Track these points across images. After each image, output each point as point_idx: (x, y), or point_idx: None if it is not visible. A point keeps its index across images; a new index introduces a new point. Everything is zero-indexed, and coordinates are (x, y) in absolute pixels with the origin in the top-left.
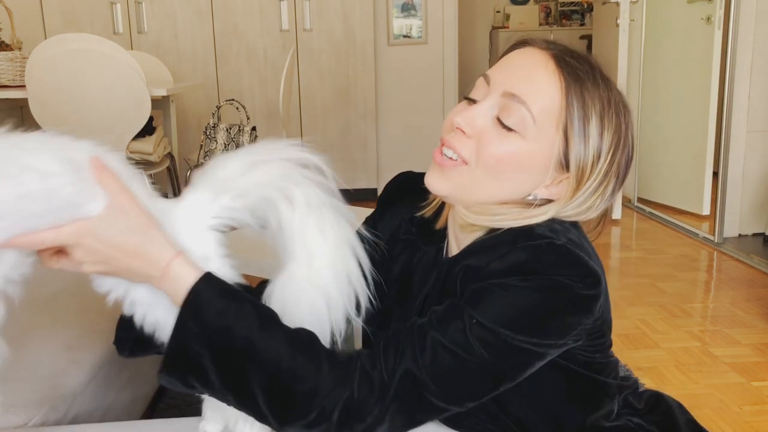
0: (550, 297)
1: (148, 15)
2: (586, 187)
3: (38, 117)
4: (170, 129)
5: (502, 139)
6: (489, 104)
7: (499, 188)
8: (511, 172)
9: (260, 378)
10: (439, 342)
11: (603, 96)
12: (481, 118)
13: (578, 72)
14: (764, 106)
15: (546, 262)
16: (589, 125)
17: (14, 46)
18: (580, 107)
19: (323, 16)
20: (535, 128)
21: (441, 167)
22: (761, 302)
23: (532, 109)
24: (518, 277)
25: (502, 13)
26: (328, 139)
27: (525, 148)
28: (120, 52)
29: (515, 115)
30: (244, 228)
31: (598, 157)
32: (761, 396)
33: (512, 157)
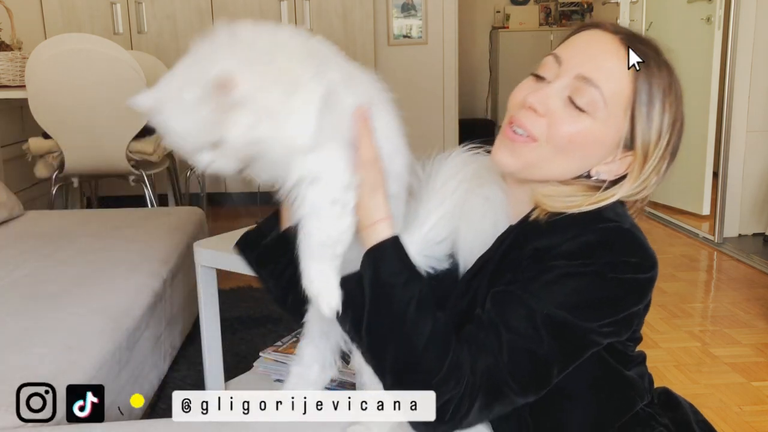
0: (614, 281)
1: (148, 15)
2: (648, 166)
3: (38, 117)
4: None
5: (574, 119)
6: (561, 85)
7: (565, 166)
8: (579, 151)
9: (396, 347)
10: (511, 338)
11: (665, 80)
12: (554, 98)
13: (646, 58)
14: (764, 106)
15: (614, 245)
16: (653, 109)
17: (14, 46)
18: (647, 92)
19: (323, 16)
20: (605, 110)
21: (512, 143)
22: (761, 302)
23: (604, 92)
24: (588, 260)
25: (502, 13)
26: None
27: (594, 128)
28: (120, 52)
29: (587, 96)
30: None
31: (659, 138)
32: (761, 396)
33: (582, 137)
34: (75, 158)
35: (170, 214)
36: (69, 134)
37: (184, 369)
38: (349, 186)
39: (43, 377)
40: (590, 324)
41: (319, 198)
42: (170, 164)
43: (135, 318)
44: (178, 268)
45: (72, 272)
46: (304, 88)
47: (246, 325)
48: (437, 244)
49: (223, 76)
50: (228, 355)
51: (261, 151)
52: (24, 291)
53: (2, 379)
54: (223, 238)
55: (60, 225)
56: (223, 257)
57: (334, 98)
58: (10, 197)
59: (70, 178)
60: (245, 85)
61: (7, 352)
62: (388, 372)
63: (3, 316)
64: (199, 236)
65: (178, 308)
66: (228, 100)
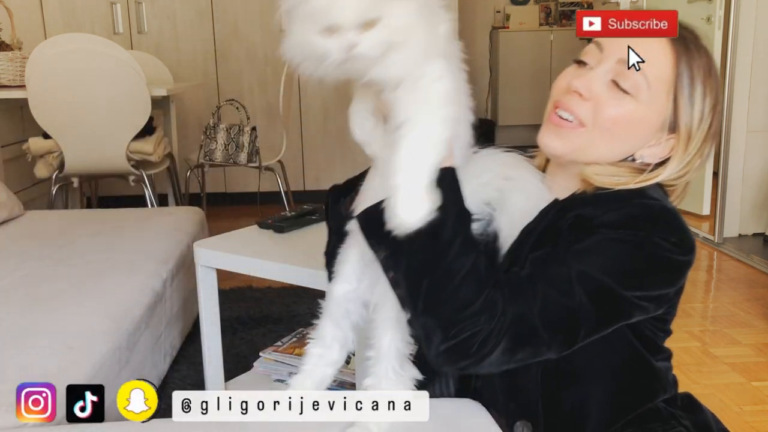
0: (653, 255)
1: (148, 15)
2: (692, 148)
3: (38, 117)
4: (170, 129)
5: (619, 101)
6: (604, 69)
7: (610, 149)
8: (624, 133)
9: (434, 274)
10: (548, 292)
11: (704, 63)
12: (598, 82)
13: (686, 41)
14: (764, 106)
15: (657, 220)
16: (695, 91)
17: (14, 46)
18: (689, 75)
19: None
20: (649, 93)
21: (558, 128)
22: (761, 302)
23: (648, 75)
24: (629, 231)
25: (502, 13)
26: (328, 139)
27: (639, 111)
28: (120, 52)
29: (631, 79)
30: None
31: (701, 121)
32: (761, 396)
33: (626, 119)
34: (75, 158)
35: (170, 214)
36: (69, 134)
37: (184, 369)
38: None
39: (43, 377)
40: (624, 292)
41: (441, 94)
42: (170, 164)
43: (135, 318)
44: (178, 268)
45: (72, 272)
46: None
47: (246, 325)
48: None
49: None
50: (228, 355)
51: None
52: (24, 291)
53: (2, 379)
54: (223, 238)
55: (60, 225)
56: (223, 257)
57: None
58: (10, 197)
59: (70, 178)
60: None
61: (7, 352)
62: (421, 297)
63: (3, 316)
64: (199, 236)
65: (178, 308)
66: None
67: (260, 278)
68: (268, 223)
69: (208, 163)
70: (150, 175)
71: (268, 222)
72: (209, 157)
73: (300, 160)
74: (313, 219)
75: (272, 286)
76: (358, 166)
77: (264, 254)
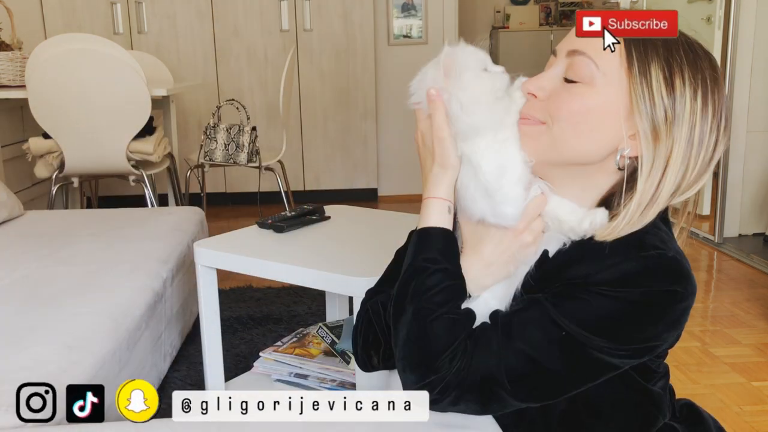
0: (646, 311)
1: (148, 15)
2: (662, 148)
3: (38, 117)
4: (170, 129)
5: (571, 92)
6: (556, 68)
7: (583, 143)
8: (587, 123)
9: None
10: (521, 348)
11: (665, 56)
12: (550, 80)
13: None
14: (764, 106)
15: (655, 275)
16: (652, 86)
17: (14, 46)
18: (638, 46)
19: (323, 16)
20: (602, 78)
21: (525, 135)
22: (761, 302)
23: (593, 56)
24: (622, 288)
25: (502, 13)
26: (328, 139)
27: (595, 97)
28: (120, 52)
29: (580, 67)
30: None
31: (668, 120)
32: (761, 396)
33: (583, 108)
34: (75, 158)
35: (170, 214)
36: (69, 134)
37: (184, 369)
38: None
39: (43, 377)
40: (611, 348)
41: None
42: (170, 164)
43: (135, 318)
44: (178, 268)
45: (72, 272)
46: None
47: (246, 325)
48: None
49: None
50: (228, 355)
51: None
52: (24, 291)
53: (2, 379)
54: (223, 238)
55: (60, 225)
56: (223, 257)
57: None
58: (10, 197)
59: (70, 178)
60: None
61: (7, 352)
62: (398, 342)
63: (3, 316)
64: (199, 236)
65: (178, 308)
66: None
67: (260, 278)
68: (268, 223)
69: (208, 163)
70: (150, 175)
71: (268, 222)
72: (209, 157)
73: (300, 160)
74: (313, 219)
75: (272, 286)
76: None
77: (264, 254)
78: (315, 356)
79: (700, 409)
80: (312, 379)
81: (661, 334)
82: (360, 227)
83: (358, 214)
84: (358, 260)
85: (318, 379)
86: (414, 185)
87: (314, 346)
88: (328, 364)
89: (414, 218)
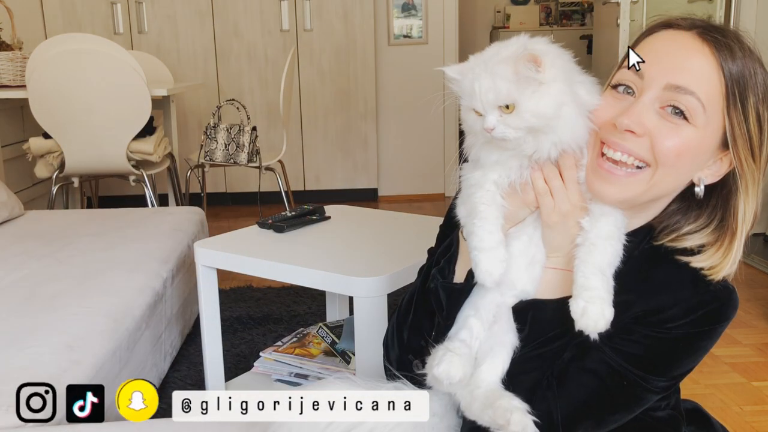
0: (711, 342)
1: (148, 15)
2: (763, 162)
3: (38, 117)
4: (171, 129)
5: (677, 131)
6: (650, 98)
7: (675, 180)
8: (686, 163)
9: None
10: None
11: (752, 67)
12: (647, 115)
13: (731, 49)
14: None
15: (719, 311)
16: (747, 100)
17: (14, 46)
18: (739, 85)
19: (323, 16)
20: (704, 115)
21: (614, 176)
22: (761, 302)
23: (701, 96)
24: (696, 322)
25: (502, 13)
26: (329, 138)
27: (698, 135)
28: (120, 52)
29: (685, 105)
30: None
31: (761, 131)
32: (761, 396)
33: (689, 148)
34: (75, 158)
35: (170, 214)
36: (69, 134)
37: (184, 369)
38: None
39: (43, 377)
40: (666, 384)
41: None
42: (170, 164)
43: (135, 318)
44: (178, 268)
45: (72, 272)
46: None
47: (246, 325)
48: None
49: (535, 53)
50: (228, 355)
51: (543, 126)
52: (24, 291)
53: (2, 379)
54: (223, 238)
55: (60, 225)
56: (223, 257)
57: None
58: (10, 197)
59: (70, 178)
60: (550, 69)
61: (7, 352)
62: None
63: (3, 316)
64: (200, 236)
65: (178, 308)
66: (532, 74)
67: (260, 278)
68: (268, 223)
69: (209, 163)
70: (150, 175)
71: (268, 222)
72: (209, 157)
73: (300, 160)
74: (314, 219)
75: (272, 286)
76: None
77: (264, 254)
78: (315, 356)
79: (709, 416)
80: (312, 379)
81: (704, 355)
82: (360, 227)
83: (358, 214)
84: (358, 260)
85: (318, 379)
86: (414, 185)
87: (314, 346)
88: (328, 364)
89: (415, 218)
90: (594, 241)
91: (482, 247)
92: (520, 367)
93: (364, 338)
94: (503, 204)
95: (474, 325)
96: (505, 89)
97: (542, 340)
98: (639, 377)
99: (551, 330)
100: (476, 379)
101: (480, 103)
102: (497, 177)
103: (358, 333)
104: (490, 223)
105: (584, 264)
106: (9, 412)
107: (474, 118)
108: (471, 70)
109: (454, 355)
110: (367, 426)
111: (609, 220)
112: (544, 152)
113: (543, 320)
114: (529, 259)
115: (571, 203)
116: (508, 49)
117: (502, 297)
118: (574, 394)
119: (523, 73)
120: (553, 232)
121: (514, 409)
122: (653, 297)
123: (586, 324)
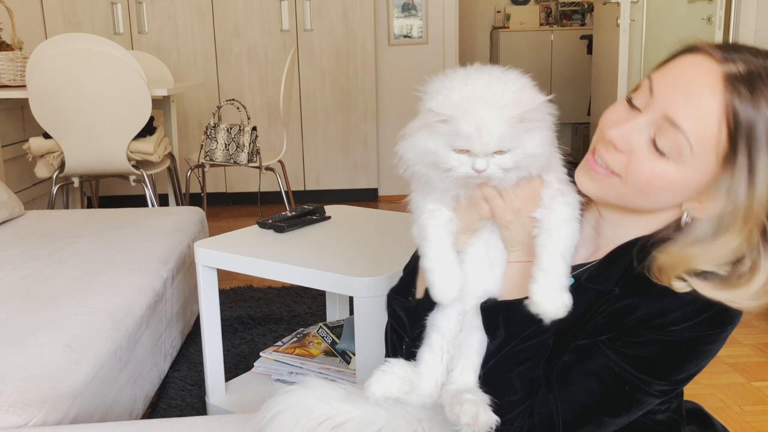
0: (717, 346)
1: (148, 15)
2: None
3: (38, 117)
4: (171, 129)
5: (655, 161)
6: (646, 122)
7: (645, 204)
8: (658, 192)
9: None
10: (579, 400)
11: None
12: (636, 135)
13: (755, 94)
14: None
15: (726, 311)
16: (759, 160)
17: (15, 46)
18: (750, 137)
19: (324, 16)
20: (691, 155)
21: (593, 172)
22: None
23: (690, 136)
24: (701, 326)
25: (502, 13)
26: (329, 139)
27: (676, 172)
28: (120, 52)
29: (670, 140)
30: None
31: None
32: (761, 396)
33: (662, 181)
34: (75, 158)
35: (171, 214)
36: (69, 134)
37: (185, 369)
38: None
39: (43, 377)
40: (669, 388)
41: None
42: (171, 164)
43: (135, 318)
44: (179, 268)
45: (72, 272)
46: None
47: (246, 325)
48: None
49: (542, 98)
50: (228, 355)
51: (530, 164)
52: (24, 291)
53: (2, 379)
54: (223, 238)
55: (60, 225)
56: (223, 257)
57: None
58: (10, 197)
59: (70, 178)
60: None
61: (7, 351)
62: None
63: (3, 316)
64: (200, 236)
65: (178, 308)
66: (536, 119)
67: (260, 278)
68: (268, 223)
69: (209, 163)
70: (150, 175)
71: (268, 222)
72: (210, 157)
73: (300, 160)
74: (314, 219)
75: (272, 286)
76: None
77: (264, 254)
78: (315, 356)
79: (710, 416)
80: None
81: (707, 360)
82: (360, 227)
83: (358, 214)
84: (358, 260)
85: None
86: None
87: (314, 346)
88: (328, 364)
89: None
90: (550, 227)
91: (434, 268)
92: (504, 366)
93: (364, 338)
94: (453, 219)
95: (435, 341)
96: (509, 136)
97: (522, 338)
98: (641, 381)
99: (528, 327)
100: (452, 382)
101: (479, 146)
102: (442, 197)
103: (358, 333)
104: (439, 244)
105: (544, 250)
106: (9, 412)
107: (455, 157)
108: (460, 107)
109: (384, 375)
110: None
111: (562, 201)
112: (510, 183)
113: (515, 321)
114: (488, 262)
115: (520, 198)
116: (508, 90)
117: (464, 306)
118: (576, 397)
119: (529, 118)
120: (510, 231)
121: (465, 401)
122: (657, 300)
123: (546, 309)
